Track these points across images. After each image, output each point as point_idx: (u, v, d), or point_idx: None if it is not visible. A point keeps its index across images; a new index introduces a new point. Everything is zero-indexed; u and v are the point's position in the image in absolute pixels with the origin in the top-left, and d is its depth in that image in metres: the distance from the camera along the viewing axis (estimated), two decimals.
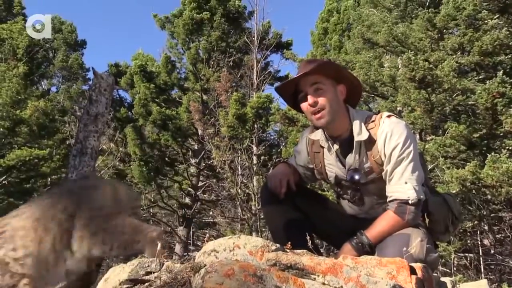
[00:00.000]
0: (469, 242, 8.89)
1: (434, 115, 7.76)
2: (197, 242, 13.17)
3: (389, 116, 2.03)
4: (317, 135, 2.15)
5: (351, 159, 2.05)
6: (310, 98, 2.01)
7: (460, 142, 7.39)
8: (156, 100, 12.72)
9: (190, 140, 13.46)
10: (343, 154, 2.08)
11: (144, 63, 13.21)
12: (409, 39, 8.44)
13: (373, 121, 2.04)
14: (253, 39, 12.91)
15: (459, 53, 8.15)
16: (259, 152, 11.16)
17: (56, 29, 17.62)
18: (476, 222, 8.60)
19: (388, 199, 1.98)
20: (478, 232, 9.01)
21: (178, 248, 12.32)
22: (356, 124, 2.02)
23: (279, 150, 11.66)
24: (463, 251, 8.56)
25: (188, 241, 12.46)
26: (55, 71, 17.76)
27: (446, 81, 7.36)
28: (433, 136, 8.09)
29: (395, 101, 8.36)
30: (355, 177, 2.05)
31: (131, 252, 1.62)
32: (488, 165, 6.59)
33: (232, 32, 13.71)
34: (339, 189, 2.21)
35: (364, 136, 2.00)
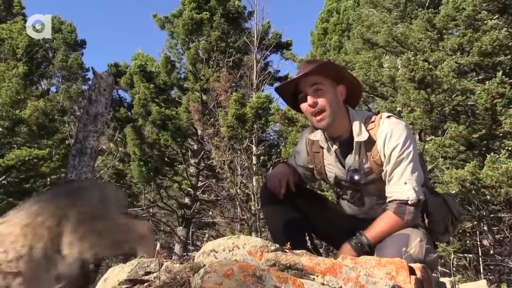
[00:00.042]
0: (469, 243, 8.89)
1: (434, 116, 7.76)
2: (197, 242, 13.17)
3: (389, 117, 2.03)
4: (317, 136, 2.15)
5: (351, 160, 2.05)
6: (310, 99, 2.01)
7: (460, 143, 7.39)
8: (156, 100, 12.72)
9: (190, 140, 13.47)
10: (343, 155, 2.08)
11: (144, 63, 13.20)
12: (409, 40, 8.45)
13: (373, 122, 2.03)
14: (253, 39, 12.90)
15: (459, 54, 8.15)
16: (259, 152, 11.16)
17: (56, 29, 17.61)
18: (476, 223, 8.60)
19: (388, 200, 1.98)
20: (478, 233, 9.00)
21: (178, 248, 12.32)
22: (356, 125, 2.02)
23: (279, 150, 11.66)
24: (463, 252, 8.55)
25: (188, 241, 12.46)
26: (55, 71, 17.74)
27: (446, 82, 7.35)
28: (433, 137, 8.09)
29: (395, 102, 8.36)
30: (355, 178, 2.05)
31: (123, 251, 1.61)
32: (488, 166, 6.59)
33: (232, 32, 13.72)
34: (339, 190, 2.21)
35: (364, 137, 2.00)
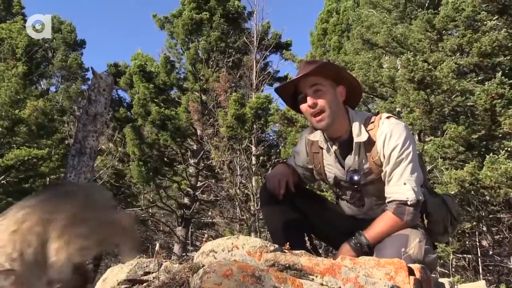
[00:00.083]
0: (468, 243, 8.90)
1: (433, 116, 7.76)
2: (196, 243, 13.16)
3: (389, 117, 2.03)
4: (316, 136, 2.15)
5: (350, 160, 2.05)
6: (310, 100, 2.00)
7: (459, 143, 7.40)
8: (155, 100, 12.72)
9: (189, 140, 13.47)
10: (342, 155, 2.08)
11: (143, 63, 13.19)
12: (408, 40, 8.45)
13: (373, 122, 2.03)
14: (253, 40, 12.91)
15: (458, 54, 8.15)
16: (258, 153, 11.16)
17: (56, 29, 17.61)
18: (475, 223, 8.60)
19: (387, 200, 1.98)
20: (477, 233, 9.01)
21: (177, 248, 12.32)
22: (356, 126, 2.02)
23: (278, 151, 11.66)
24: (462, 252, 8.55)
25: (187, 242, 12.45)
26: (54, 71, 17.74)
27: (445, 82, 7.36)
28: (432, 137, 8.09)
29: (394, 102, 8.36)
30: (354, 178, 2.05)
31: (109, 247, 1.61)
32: (487, 166, 6.59)
33: (232, 33, 13.72)
34: (338, 190, 2.21)
35: (364, 138, 2.00)
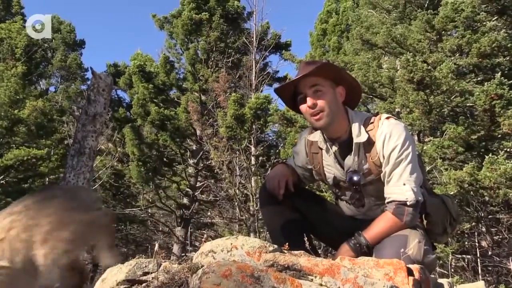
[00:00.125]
0: (467, 244, 8.90)
1: (432, 117, 7.76)
2: (195, 243, 13.16)
3: (388, 118, 2.03)
4: (316, 137, 2.15)
5: (350, 161, 2.05)
6: (310, 100, 2.00)
7: (458, 144, 7.40)
8: (155, 100, 12.72)
9: (189, 141, 13.47)
10: (342, 156, 2.08)
11: (143, 63, 13.18)
12: (408, 41, 8.45)
13: (372, 123, 2.03)
14: (252, 40, 12.92)
15: (458, 55, 8.16)
16: (257, 153, 11.16)
17: (55, 29, 17.59)
18: (474, 224, 8.60)
19: (386, 201, 1.98)
20: (476, 234, 9.01)
21: (176, 249, 12.33)
22: (355, 126, 2.02)
23: (278, 151, 11.67)
24: (461, 253, 8.55)
25: (186, 242, 12.45)
26: (54, 71, 17.73)
27: (445, 83, 7.36)
28: (431, 138, 8.09)
29: (394, 103, 8.36)
30: (354, 179, 2.05)
31: (89, 245, 1.60)
32: (486, 167, 6.60)
33: (231, 33, 13.73)
34: (337, 190, 2.21)
35: (363, 138, 2.00)
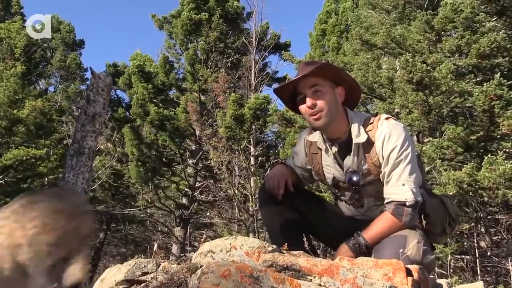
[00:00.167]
0: (466, 244, 8.90)
1: (432, 117, 7.77)
2: (194, 243, 13.15)
3: (387, 118, 2.03)
4: (315, 137, 2.15)
5: (349, 161, 2.05)
6: (309, 101, 2.00)
7: (457, 144, 7.40)
8: (154, 101, 12.72)
9: (188, 141, 13.47)
10: (341, 156, 2.08)
11: (142, 63, 13.18)
12: (407, 41, 8.46)
13: (371, 123, 2.03)
14: (251, 40, 12.93)
15: (457, 55, 8.17)
16: (257, 153, 11.16)
17: (54, 29, 17.55)
18: (473, 224, 8.61)
19: (386, 201, 1.98)
20: (475, 234, 9.02)
21: (175, 249, 12.33)
22: (355, 127, 2.02)
23: (277, 151, 11.67)
24: (460, 253, 8.56)
25: (185, 242, 12.45)
26: (53, 71, 17.70)
27: (444, 83, 7.36)
28: (431, 138, 8.10)
29: (393, 103, 8.36)
30: (353, 179, 2.05)
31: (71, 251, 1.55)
32: (485, 167, 6.60)
33: (230, 33, 13.73)
34: (337, 191, 2.21)
35: (363, 139, 2.00)
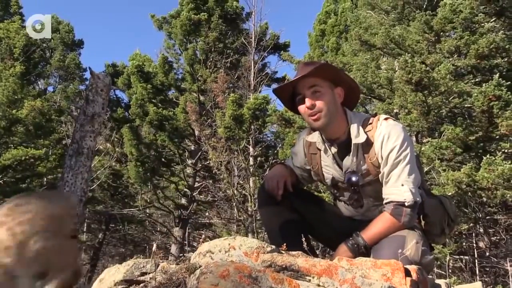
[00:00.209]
0: (465, 245, 8.91)
1: (431, 118, 7.78)
2: (193, 243, 13.15)
3: (387, 119, 2.03)
4: (314, 137, 2.14)
5: (348, 162, 2.05)
6: (308, 101, 2.00)
7: (456, 145, 7.41)
8: (153, 101, 12.71)
9: (187, 141, 13.46)
10: (340, 157, 2.08)
11: (141, 64, 13.17)
12: (406, 42, 8.47)
13: (371, 124, 2.03)
14: (251, 40, 12.93)
15: (456, 56, 8.18)
16: (256, 153, 11.16)
17: (54, 29, 17.53)
18: (472, 225, 8.63)
19: (385, 201, 1.98)
20: (474, 235, 9.03)
21: (174, 249, 12.32)
22: (354, 127, 2.02)
23: (276, 152, 11.67)
24: (459, 254, 8.57)
25: (184, 242, 12.44)
26: (52, 71, 17.70)
27: (443, 84, 7.38)
28: (429, 139, 8.11)
29: (392, 103, 8.38)
30: (352, 179, 2.05)
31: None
32: (484, 168, 6.61)
33: (230, 33, 13.73)
34: (336, 191, 2.20)
35: (362, 139, 2.00)
